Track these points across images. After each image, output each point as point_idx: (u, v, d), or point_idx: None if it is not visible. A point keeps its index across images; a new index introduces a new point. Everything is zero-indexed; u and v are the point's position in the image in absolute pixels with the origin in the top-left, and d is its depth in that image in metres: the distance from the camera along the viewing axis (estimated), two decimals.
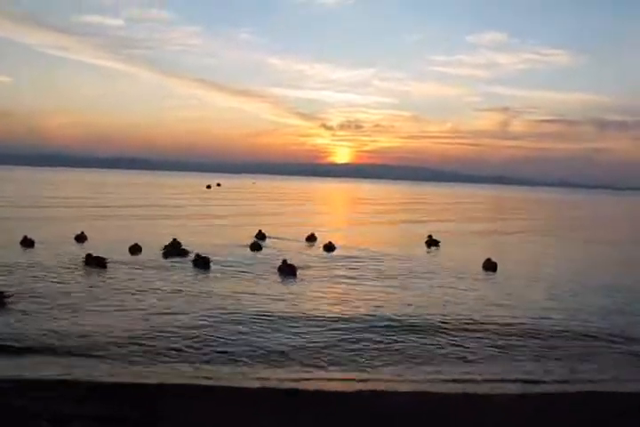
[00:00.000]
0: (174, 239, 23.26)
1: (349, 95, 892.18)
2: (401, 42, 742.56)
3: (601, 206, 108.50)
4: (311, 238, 28.97)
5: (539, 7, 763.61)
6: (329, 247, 25.85)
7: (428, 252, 27.56)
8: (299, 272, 19.02)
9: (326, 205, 74.40)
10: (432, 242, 29.13)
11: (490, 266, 21.82)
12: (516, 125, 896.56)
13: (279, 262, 19.75)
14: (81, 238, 25.35)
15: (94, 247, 21.74)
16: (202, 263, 19.79)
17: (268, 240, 28.16)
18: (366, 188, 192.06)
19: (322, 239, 28.10)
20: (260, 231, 29.56)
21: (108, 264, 18.89)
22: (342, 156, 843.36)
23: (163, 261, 20.98)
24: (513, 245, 33.07)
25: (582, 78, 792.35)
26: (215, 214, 44.38)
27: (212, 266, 19.74)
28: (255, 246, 25.52)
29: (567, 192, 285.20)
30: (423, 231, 32.64)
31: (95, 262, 18.86)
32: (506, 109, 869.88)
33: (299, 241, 28.73)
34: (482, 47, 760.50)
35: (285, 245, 27.35)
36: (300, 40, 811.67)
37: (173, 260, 21.06)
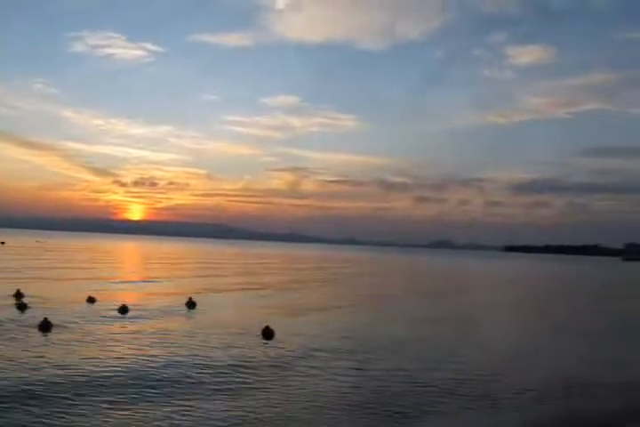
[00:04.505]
0: None
1: (145, 152, 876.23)
2: (198, 101, 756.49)
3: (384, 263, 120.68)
4: (91, 300, 30.37)
5: (328, 75, 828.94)
6: (123, 309, 27.34)
7: (187, 314, 28.66)
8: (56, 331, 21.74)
9: (110, 265, 73.36)
10: (191, 304, 31.03)
11: (267, 333, 22.59)
12: (307, 185, 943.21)
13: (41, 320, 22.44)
14: None
15: None
16: None
17: (33, 300, 29.31)
18: (159, 246, 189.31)
19: (100, 300, 30.26)
20: (17, 291, 31.04)
21: None
22: (136, 212, 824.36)
23: None
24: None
25: (368, 142, 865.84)
26: None
27: None
28: (20, 307, 27.13)
29: (355, 249, 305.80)
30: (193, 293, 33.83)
31: None
32: (297, 170, 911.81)
33: (76, 302, 30.02)
34: (276, 109, 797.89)
35: (58, 305, 28.75)
36: (96, 94, 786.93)
37: None
